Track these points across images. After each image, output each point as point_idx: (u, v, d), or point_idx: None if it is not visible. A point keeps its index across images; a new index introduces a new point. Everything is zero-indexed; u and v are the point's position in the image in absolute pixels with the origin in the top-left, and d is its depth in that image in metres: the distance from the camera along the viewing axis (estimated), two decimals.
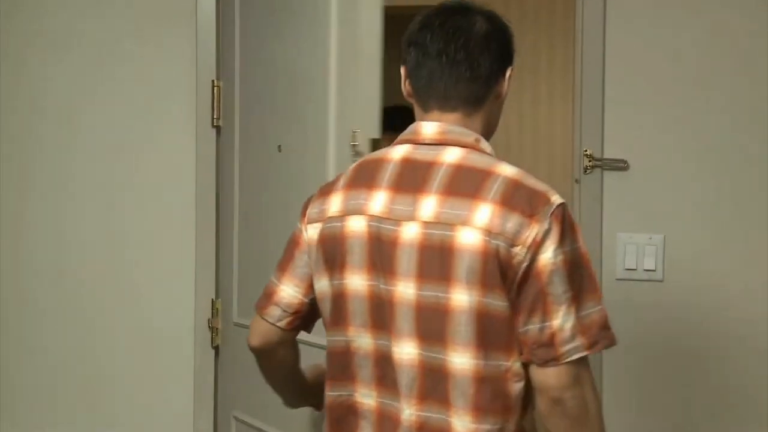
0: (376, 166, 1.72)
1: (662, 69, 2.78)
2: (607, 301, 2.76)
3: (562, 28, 4.41)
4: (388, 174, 1.70)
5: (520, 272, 1.59)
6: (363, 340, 1.71)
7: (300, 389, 1.99)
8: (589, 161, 2.79)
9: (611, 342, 1.63)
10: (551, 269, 1.58)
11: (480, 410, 1.62)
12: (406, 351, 1.65)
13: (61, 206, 3.05)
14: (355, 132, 2.21)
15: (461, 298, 1.60)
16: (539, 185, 1.65)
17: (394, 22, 2.33)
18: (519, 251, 1.59)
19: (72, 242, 3.05)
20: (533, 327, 1.60)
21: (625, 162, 2.79)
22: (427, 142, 1.71)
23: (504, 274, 1.59)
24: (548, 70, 4.56)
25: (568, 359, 1.59)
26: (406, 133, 1.74)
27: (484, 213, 1.60)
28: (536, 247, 1.59)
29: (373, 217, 1.68)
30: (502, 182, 1.63)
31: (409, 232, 1.64)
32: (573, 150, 2.91)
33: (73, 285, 3.05)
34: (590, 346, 1.60)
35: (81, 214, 3.04)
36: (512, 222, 1.59)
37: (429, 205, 1.64)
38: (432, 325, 1.63)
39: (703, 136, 2.77)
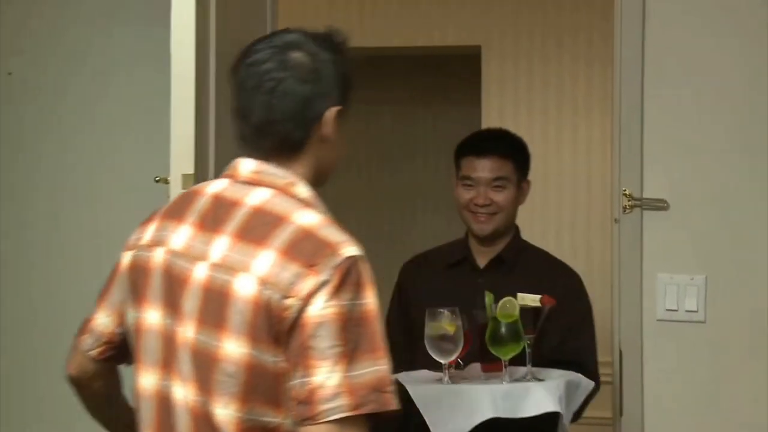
0: (191, 198, 1.68)
1: (704, 106, 2.76)
2: (647, 342, 2.77)
3: (601, 64, 4.40)
4: (197, 208, 1.65)
5: (289, 324, 1.51)
6: (148, 380, 1.65)
7: (126, 426, 1.89)
8: (629, 201, 2.78)
9: (384, 406, 1.49)
10: (317, 321, 1.49)
11: None
12: (185, 395, 1.59)
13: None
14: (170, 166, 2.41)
15: (230, 347, 1.54)
16: (334, 236, 1.56)
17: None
18: (292, 303, 1.51)
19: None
20: (296, 382, 1.50)
21: (665, 202, 2.77)
22: (241, 180, 1.65)
23: (273, 326, 1.51)
24: (586, 108, 4.56)
25: (326, 419, 1.47)
26: (227, 167, 1.70)
27: (265, 261, 1.54)
28: (308, 299, 1.50)
29: (172, 252, 1.64)
30: (292, 230, 1.56)
31: (199, 273, 1.59)
32: (612, 189, 2.89)
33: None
34: (355, 407, 1.47)
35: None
36: (289, 272, 1.52)
37: (220, 247, 1.59)
38: (203, 371, 1.57)
39: (746, 175, 2.75)
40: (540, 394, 2.28)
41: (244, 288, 1.54)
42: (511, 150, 2.71)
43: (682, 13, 2.79)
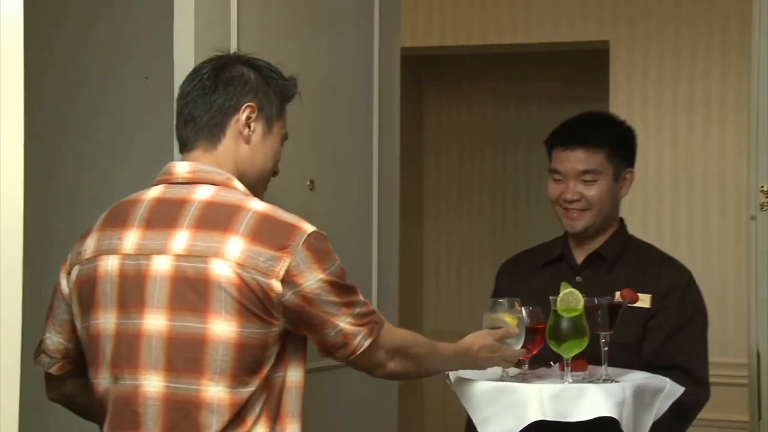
0: (130, 206, 1.81)
1: None
2: None
3: (737, 54, 4.26)
4: (139, 214, 1.78)
5: (287, 302, 1.72)
6: (105, 381, 1.77)
7: None
8: (766, 197, 2.68)
9: (381, 322, 1.82)
10: (318, 293, 1.73)
11: None
12: (152, 384, 1.71)
13: None
14: None
15: (219, 328, 1.69)
16: (289, 217, 1.76)
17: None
18: (275, 283, 1.71)
19: None
20: (327, 337, 1.77)
21: None
22: (179, 181, 1.80)
23: (262, 305, 1.71)
24: (720, 101, 4.42)
25: (362, 349, 1.79)
26: (160, 173, 1.83)
27: (235, 246, 1.71)
28: (295, 278, 1.72)
29: (126, 255, 1.76)
30: (251, 216, 1.73)
31: (160, 265, 1.73)
32: (748, 186, 2.80)
33: None
34: (369, 333, 1.79)
35: None
36: (264, 255, 1.71)
37: (181, 239, 1.73)
38: (185, 355, 1.70)
39: None
40: (595, 398, 2.04)
41: (223, 272, 1.70)
42: (604, 138, 2.48)
43: None
